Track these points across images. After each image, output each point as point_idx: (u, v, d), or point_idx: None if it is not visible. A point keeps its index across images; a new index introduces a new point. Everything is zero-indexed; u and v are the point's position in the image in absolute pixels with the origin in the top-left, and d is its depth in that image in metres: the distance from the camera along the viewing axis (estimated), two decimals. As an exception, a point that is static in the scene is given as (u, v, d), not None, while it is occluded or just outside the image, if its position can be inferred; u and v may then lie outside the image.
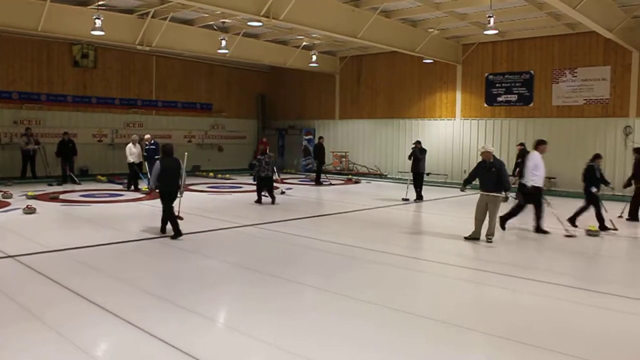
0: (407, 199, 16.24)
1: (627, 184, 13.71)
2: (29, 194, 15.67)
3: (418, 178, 16.48)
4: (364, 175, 24.48)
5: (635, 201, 13.44)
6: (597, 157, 12.38)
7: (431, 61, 22.17)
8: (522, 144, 17.46)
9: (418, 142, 16.75)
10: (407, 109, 23.95)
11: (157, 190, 10.76)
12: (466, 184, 11.00)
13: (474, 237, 10.42)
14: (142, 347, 5.28)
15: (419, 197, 16.32)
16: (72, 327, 5.69)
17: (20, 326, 5.73)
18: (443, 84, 22.92)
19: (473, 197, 11.34)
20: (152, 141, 18.38)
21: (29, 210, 12.82)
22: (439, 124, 22.99)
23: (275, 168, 17.86)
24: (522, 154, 15.56)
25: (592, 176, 11.96)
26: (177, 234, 10.31)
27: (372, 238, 10.75)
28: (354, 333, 5.63)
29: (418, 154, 16.36)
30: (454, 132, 22.40)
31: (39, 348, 5.20)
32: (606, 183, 12.37)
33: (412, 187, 16.59)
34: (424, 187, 16.89)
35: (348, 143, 26.04)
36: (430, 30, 19.77)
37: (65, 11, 16.70)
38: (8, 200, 14.91)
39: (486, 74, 21.56)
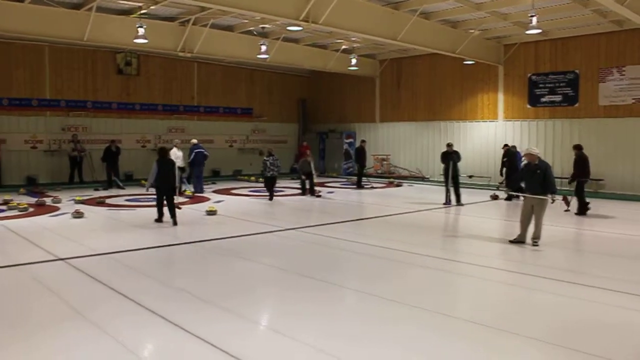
0: (448, 203, 16.01)
1: (571, 181, 14.29)
2: (77, 198, 16.10)
3: (457, 181, 16.18)
4: (405, 178, 24.31)
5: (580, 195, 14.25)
6: None
7: (472, 62, 21.90)
8: (506, 145, 18.51)
9: (452, 145, 16.57)
10: (448, 111, 23.70)
11: (152, 188, 12.71)
12: (513, 186, 10.81)
13: (519, 241, 10.21)
14: (186, 347, 5.34)
15: (459, 201, 16.06)
16: (118, 327, 5.81)
17: (68, 325, 5.89)
18: (484, 85, 22.60)
19: (518, 200, 11.10)
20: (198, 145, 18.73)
21: (78, 215, 13.16)
22: (481, 125, 22.68)
23: (313, 171, 18.00)
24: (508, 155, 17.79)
25: None
26: (175, 223, 12.29)
27: (415, 241, 10.65)
28: (397, 337, 5.57)
29: (456, 157, 16.11)
30: (497, 134, 22.03)
31: (86, 346, 5.33)
32: None
33: (451, 190, 16.30)
34: (466, 189, 16.64)
35: (389, 146, 25.91)
36: (470, 31, 19.54)
37: (109, 21, 17.10)
38: (58, 205, 15.32)
39: (529, 75, 21.16)
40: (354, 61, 23.00)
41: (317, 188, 18.78)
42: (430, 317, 6.20)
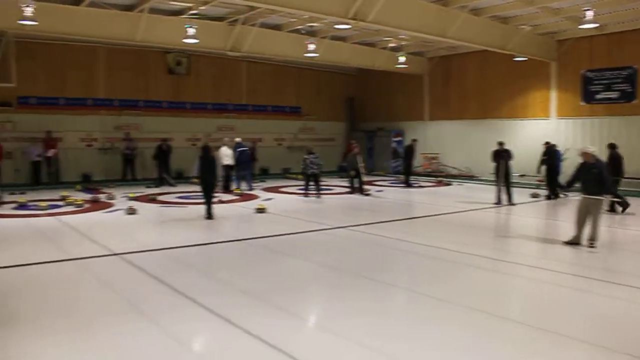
0: (499, 202, 15.69)
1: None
2: (130, 195, 16.49)
3: (509, 180, 15.85)
4: (454, 177, 23.99)
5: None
6: None
7: (523, 59, 21.37)
8: (547, 142, 18.15)
9: (503, 143, 16.26)
10: (499, 109, 23.26)
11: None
12: (568, 186, 10.50)
13: (574, 242, 9.90)
14: (237, 342, 5.40)
15: (511, 200, 15.71)
16: (168, 320, 5.94)
17: (121, 317, 6.06)
18: (536, 82, 22.08)
19: (572, 200, 10.78)
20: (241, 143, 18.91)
21: (131, 211, 13.48)
22: (532, 124, 22.17)
23: (361, 169, 17.91)
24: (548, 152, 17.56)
25: None
26: (210, 217, 12.89)
27: (465, 241, 10.48)
28: (447, 338, 5.49)
29: (507, 156, 15.78)
30: (549, 132, 21.46)
31: (137, 337, 5.47)
32: None
33: (502, 189, 15.97)
34: (517, 189, 16.30)
35: (438, 144, 25.59)
36: (522, 26, 19.12)
37: (160, 21, 17.45)
38: (111, 201, 15.73)
39: (583, 71, 20.54)
40: (402, 59, 22.80)
41: (366, 186, 18.70)
42: (481, 319, 6.09)
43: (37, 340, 5.36)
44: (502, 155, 15.73)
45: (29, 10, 13.81)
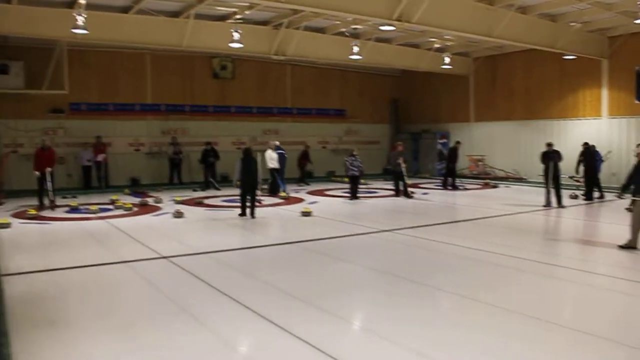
0: (548, 205, 15.29)
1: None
2: (177, 199, 16.73)
3: (558, 182, 15.44)
4: (502, 179, 23.53)
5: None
6: None
7: (573, 57, 20.83)
8: (586, 144, 17.80)
9: (552, 144, 15.85)
10: (547, 109, 22.71)
11: (239, 183, 13.95)
12: (624, 189, 10.12)
13: (630, 246, 9.54)
14: (283, 344, 5.39)
15: (560, 202, 15.30)
16: (214, 321, 6.00)
17: (169, 317, 6.15)
18: (586, 81, 21.49)
19: (624, 202, 10.39)
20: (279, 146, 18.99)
21: (178, 214, 13.67)
22: (583, 123, 21.58)
23: (403, 170, 17.70)
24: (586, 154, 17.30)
25: None
26: (253, 216, 13.49)
27: (514, 244, 10.23)
28: (498, 346, 5.34)
29: (557, 157, 15.38)
30: (600, 132, 20.85)
31: (185, 338, 5.53)
32: None
33: (551, 191, 15.55)
34: (568, 191, 15.87)
35: (484, 146, 25.16)
36: (572, 24, 18.60)
37: (206, 27, 17.70)
38: (159, 204, 15.99)
39: (637, 68, 19.85)
40: (447, 60, 22.52)
41: (410, 189, 18.53)
42: (533, 326, 5.88)
43: (87, 339, 5.48)
44: (551, 157, 15.33)
45: (80, 20, 14.20)
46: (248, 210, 13.67)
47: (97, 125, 21.02)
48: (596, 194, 16.97)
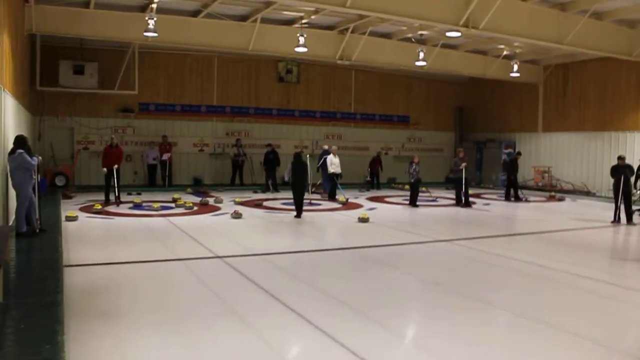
0: (617, 221, 14.60)
1: None
2: (237, 200, 16.97)
3: (629, 198, 14.70)
4: (568, 192, 22.68)
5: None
6: None
7: (652, 66, 19.85)
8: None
9: (623, 157, 15.08)
10: (621, 120, 21.70)
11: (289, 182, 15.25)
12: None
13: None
14: (327, 352, 5.33)
15: (630, 220, 14.58)
16: (261, 323, 5.98)
17: (218, 318, 6.21)
18: (666, 92, 20.43)
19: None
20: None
21: (236, 215, 13.85)
22: (660, 137, 20.52)
23: (464, 178, 17.33)
24: None
25: None
26: (299, 215, 14.22)
27: (577, 262, 9.79)
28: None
29: (629, 172, 14.65)
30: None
31: (231, 339, 5.57)
32: None
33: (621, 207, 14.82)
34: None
35: (551, 157, 24.33)
36: (652, 31, 17.78)
37: (272, 31, 17.93)
38: (219, 205, 16.26)
39: None
40: (515, 67, 21.93)
41: (471, 199, 18.13)
42: (592, 349, 5.59)
43: (136, 331, 5.64)
44: (622, 171, 14.63)
45: (151, 23, 14.67)
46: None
47: (163, 125, 21.69)
48: None
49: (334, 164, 18.56)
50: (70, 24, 15.81)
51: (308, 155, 17.43)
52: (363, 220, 13.73)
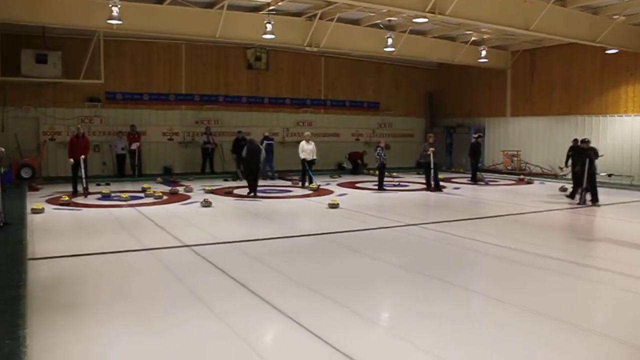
0: (583, 203, 14.86)
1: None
2: (207, 188, 16.86)
3: (594, 180, 15.00)
4: (537, 175, 23.04)
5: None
6: None
7: (615, 51, 20.19)
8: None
9: (588, 141, 15.39)
10: (587, 104, 22.09)
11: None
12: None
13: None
14: (293, 337, 5.38)
15: (596, 201, 14.87)
16: (230, 312, 5.99)
17: (181, 305, 6.23)
18: (629, 76, 20.82)
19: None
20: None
21: (206, 204, 13.76)
22: (624, 120, 20.93)
23: (432, 162, 17.49)
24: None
25: None
26: (254, 194, 15.68)
27: (544, 243, 9.97)
28: (523, 350, 5.16)
29: (593, 154, 14.93)
30: (643, 129, 20.22)
31: (198, 327, 5.56)
32: None
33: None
34: (604, 189, 15.40)
35: (520, 141, 24.66)
36: (614, 17, 18.04)
37: (239, 18, 17.75)
38: (189, 193, 16.14)
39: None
40: (483, 53, 22.11)
41: (441, 183, 18.31)
42: (561, 328, 5.68)
43: (100, 323, 5.56)
44: (587, 154, 14.91)
45: (115, 10, 14.40)
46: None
47: (131, 115, 21.37)
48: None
49: (305, 150, 18.54)
50: (32, 12, 15.39)
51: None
52: (333, 206, 13.77)
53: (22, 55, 18.36)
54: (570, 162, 16.98)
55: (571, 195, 15.98)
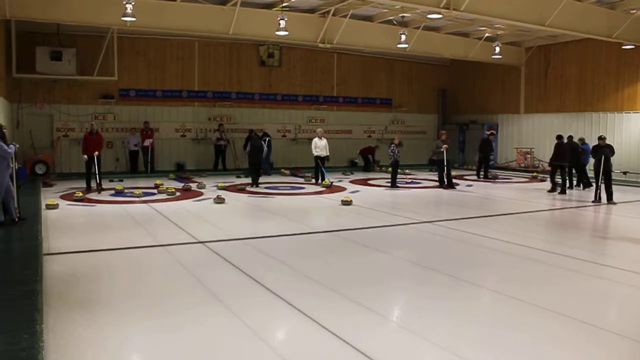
0: (598, 200, 14.73)
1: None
2: (219, 185, 16.89)
3: (609, 177, 14.85)
4: (550, 172, 22.81)
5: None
6: None
7: (632, 47, 19.92)
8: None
9: (604, 138, 15.24)
10: (602, 101, 21.87)
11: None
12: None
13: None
14: (307, 333, 5.36)
15: (611, 198, 14.71)
16: (245, 308, 5.97)
17: (197, 301, 6.22)
18: (647, 72, 20.56)
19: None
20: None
21: (219, 200, 13.78)
22: (640, 117, 20.70)
23: (445, 159, 17.39)
24: None
25: None
26: (256, 184, 17.27)
27: (558, 241, 9.91)
28: (533, 347, 5.13)
29: (609, 152, 14.78)
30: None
31: (213, 323, 5.57)
32: None
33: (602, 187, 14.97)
34: (619, 187, 15.25)
35: (533, 138, 24.47)
36: (632, 11, 17.81)
37: (252, 15, 17.74)
38: (202, 190, 16.18)
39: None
40: (497, 49, 21.94)
41: (454, 180, 18.22)
42: (572, 328, 5.63)
43: (116, 318, 5.57)
44: (603, 151, 14.75)
45: (129, 7, 14.43)
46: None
47: (144, 111, 21.47)
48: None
49: (318, 147, 18.52)
50: (46, 9, 15.48)
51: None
52: (346, 203, 13.74)
53: (37, 53, 18.50)
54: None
55: (552, 189, 16.72)
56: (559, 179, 16.81)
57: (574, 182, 18.01)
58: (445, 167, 17.68)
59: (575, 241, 10.19)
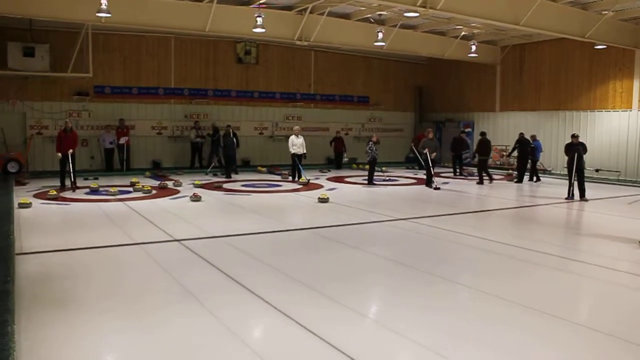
0: (571, 197, 14.96)
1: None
2: (196, 182, 16.79)
3: (582, 175, 15.10)
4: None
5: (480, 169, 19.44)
6: None
7: (604, 47, 20.27)
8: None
9: (577, 136, 15.49)
10: (575, 100, 22.20)
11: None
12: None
13: (650, 241, 9.30)
14: (282, 330, 5.37)
15: (583, 195, 14.95)
16: (220, 306, 5.98)
17: (174, 300, 6.19)
18: (618, 72, 20.91)
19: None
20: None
21: (195, 198, 13.71)
22: (612, 115, 21.04)
23: (429, 156, 17.46)
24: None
25: None
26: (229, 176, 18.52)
27: (532, 237, 10.05)
28: (506, 340, 5.23)
29: (582, 149, 15.02)
30: (630, 124, 20.34)
31: (188, 321, 5.54)
32: None
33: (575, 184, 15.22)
34: (592, 184, 15.50)
35: (509, 136, 24.69)
36: (604, 12, 18.09)
37: (229, 11, 17.60)
38: (178, 188, 16.07)
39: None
40: (473, 48, 22.12)
41: (434, 179, 18.33)
42: (545, 320, 5.74)
43: (90, 318, 5.52)
44: (575, 149, 14.99)
45: (104, 3, 14.23)
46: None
47: (120, 109, 21.21)
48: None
49: (295, 144, 18.51)
50: (19, 4, 15.16)
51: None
52: (323, 200, 13.76)
53: (8, 48, 18.16)
54: (516, 152, 20.10)
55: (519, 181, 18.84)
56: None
57: (527, 177, 19.82)
58: (429, 166, 17.65)
59: (548, 237, 10.33)
